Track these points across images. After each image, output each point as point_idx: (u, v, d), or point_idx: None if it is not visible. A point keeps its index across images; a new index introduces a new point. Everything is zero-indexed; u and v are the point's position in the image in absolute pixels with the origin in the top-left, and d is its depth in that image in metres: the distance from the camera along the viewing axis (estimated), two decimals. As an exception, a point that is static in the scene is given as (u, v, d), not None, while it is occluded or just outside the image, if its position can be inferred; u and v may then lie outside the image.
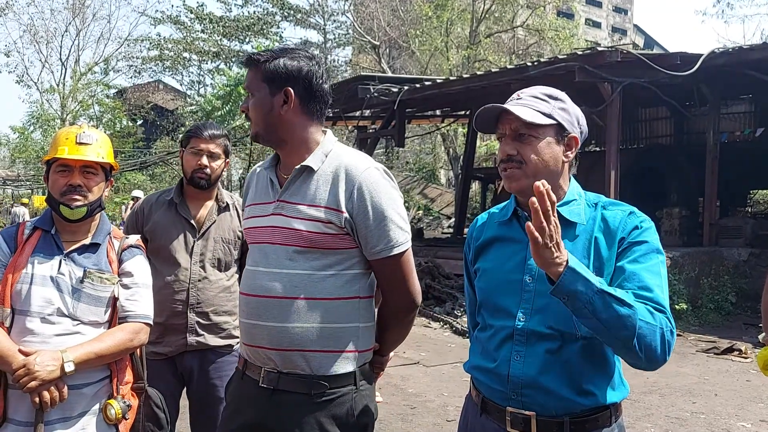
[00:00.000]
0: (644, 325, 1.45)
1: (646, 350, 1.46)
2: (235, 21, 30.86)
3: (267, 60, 1.83)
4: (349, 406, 1.80)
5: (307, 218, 1.78)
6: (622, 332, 1.44)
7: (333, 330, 1.79)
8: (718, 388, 5.67)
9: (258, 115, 1.85)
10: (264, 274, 1.82)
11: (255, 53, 1.88)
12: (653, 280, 1.55)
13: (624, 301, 1.44)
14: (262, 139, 1.88)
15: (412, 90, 10.98)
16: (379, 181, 1.80)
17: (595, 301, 1.42)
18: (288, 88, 1.82)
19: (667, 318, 1.51)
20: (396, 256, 1.81)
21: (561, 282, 1.41)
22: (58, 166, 2.09)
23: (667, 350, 1.49)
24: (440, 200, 25.13)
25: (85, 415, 2.02)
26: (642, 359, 1.48)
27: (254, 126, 1.87)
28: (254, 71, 1.85)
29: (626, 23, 56.82)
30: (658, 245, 1.62)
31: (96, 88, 33.98)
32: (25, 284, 2.01)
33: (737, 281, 9.30)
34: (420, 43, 25.03)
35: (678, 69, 8.45)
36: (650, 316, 1.47)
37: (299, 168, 1.83)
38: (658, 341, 1.47)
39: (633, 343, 1.45)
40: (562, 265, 1.41)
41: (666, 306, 1.53)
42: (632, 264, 1.57)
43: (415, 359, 6.58)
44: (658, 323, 1.48)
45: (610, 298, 1.43)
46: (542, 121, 1.62)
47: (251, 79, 1.86)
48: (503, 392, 1.65)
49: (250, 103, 1.86)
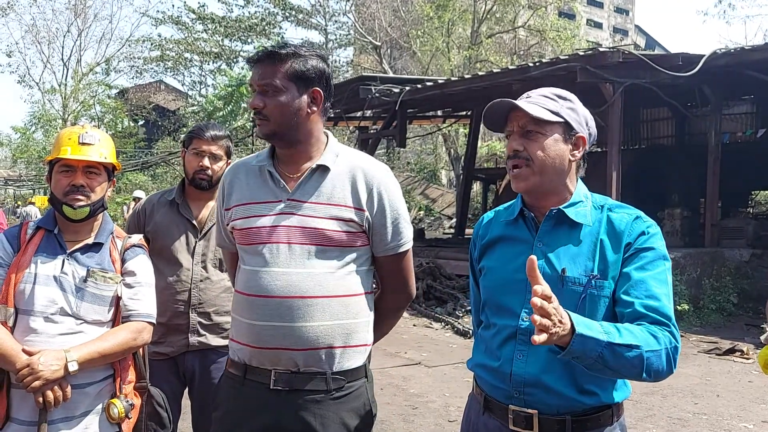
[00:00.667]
0: (651, 356, 1.48)
1: (654, 374, 1.50)
2: (236, 21, 30.86)
3: (293, 57, 1.79)
4: (365, 398, 1.86)
5: (327, 217, 1.80)
6: (633, 371, 1.48)
7: (352, 325, 1.83)
8: (720, 388, 5.67)
9: (281, 113, 1.80)
10: (281, 275, 1.79)
11: (277, 47, 1.82)
12: (660, 289, 1.57)
13: (631, 345, 1.46)
14: (277, 137, 1.84)
15: (413, 90, 10.97)
16: (392, 181, 1.89)
17: (604, 355, 1.44)
18: (317, 89, 1.83)
19: (671, 332, 1.53)
20: (405, 252, 1.92)
21: (570, 348, 1.42)
22: (61, 167, 2.09)
23: (673, 364, 1.53)
24: (441, 201, 25.13)
25: (89, 414, 2.03)
26: (650, 379, 1.52)
27: (272, 124, 1.81)
28: (275, 67, 1.79)
29: (628, 24, 56.81)
30: (664, 252, 1.64)
31: (97, 89, 34.05)
32: (29, 284, 2.01)
33: (739, 282, 9.28)
34: (421, 44, 25.04)
35: (680, 69, 8.44)
36: (655, 342, 1.49)
37: (314, 167, 1.83)
38: (664, 362, 1.51)
39: (642, 375, 1.49)
40: (569, 335, 1.41)
41: (671, 315, 1.56)
42: (639, 271, 1.59)
43: (417, 360, 6.58)
44: (663, 345, 1.50)
45: (618, 348, 1.45)
46: (550, 117, 1.63)
47: (271, 75, 1.79)
48: (506, 390, 1.66)
49: (270, 100, 1.80)
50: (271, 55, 1.81)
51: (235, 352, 1.88)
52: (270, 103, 1.80)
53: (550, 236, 1.67)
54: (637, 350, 1.46)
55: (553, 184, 1.67)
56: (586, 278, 1.60)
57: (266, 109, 1.81)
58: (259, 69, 1.82)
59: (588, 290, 1.60)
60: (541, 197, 1.69)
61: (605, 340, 1.43)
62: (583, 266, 1.62)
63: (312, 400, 1.78)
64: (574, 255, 1.63)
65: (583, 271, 1.61)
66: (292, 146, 1.87)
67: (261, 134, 1.85)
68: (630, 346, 1.45)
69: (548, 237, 1.67)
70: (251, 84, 1.85)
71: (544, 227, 1.68)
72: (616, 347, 1.44)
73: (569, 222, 1.66)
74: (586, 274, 1.61)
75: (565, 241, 1.65)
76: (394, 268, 1.94)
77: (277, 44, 1.85)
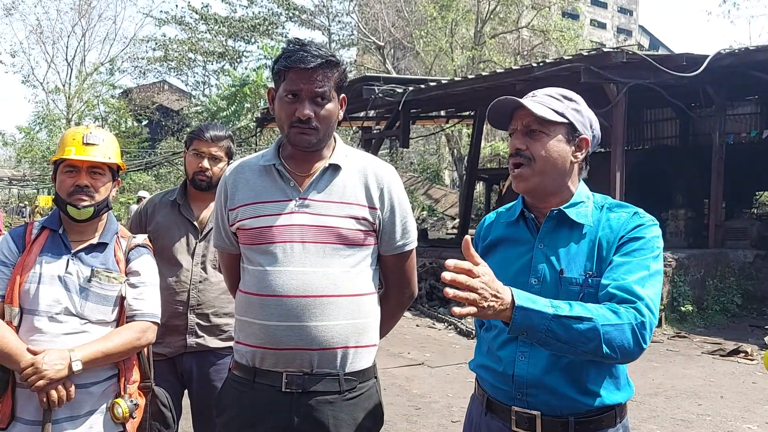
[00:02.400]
0: (610, 329, 1.45)
1: (618, 350, 1.47)
2: (240, 21, 30.92)
3: (339, 67, 1.79)
4: (376, 399, 1.87)
5: (341, 215, 1.80)
6: (588, 345, 1.45)
7: (364, 325, 1.84)
8: (724, 390, 5.65)
9: (329, 123, 1.80)
10: (297, 274, 1.77)
11: (331, 55, 1.77)
12: (637, 272, 1.54)
13: (581, 317, 1.44)
14: (318, 146, 1.82)
15: (416, 91, 10.97)
16: (400, 181, 1.92)
17: (552, 327, 1.42)
18: (344, 96, 1.86)
19: (636, 308, 1.49)
20: (411, 251, 1.95)
21: (513, 322, 1.41)
22: (66, 167, 2.10)
23: (642, 341, 1.48)
24: (444, 201, 25.11)
25: (93, 413, 2.04)
26: (616, 358, 1.48)
27: (319, 133, 1.79)
28: (330, 74, 1.77)
29: (631, 24, 56.71)
30: (654, 241, 1.61)
31: (101, 89, 34.15)
32: (34, 283, 2.02)
33: (743, 283, 9.27)
34: (425, 44, 25.02)
35: (684, 70, 8.42)
36: (614, 317, 1.47)
37: (326, 166, 1.84)
38: (630, 337, 1.47)
39: (602, 349, 1.45)
40: (509, 308, 1.40)
41: (640, 294, 1.50)
42: (622, 257, 1.58)
43: (420, 360, 6.58)
44: (625, 320, 1.47)
45: (567, 320, 1.43)
46: (554, 117, 1.63)
47: (326, 83, 1.75)
48: (508, 392, 1.65)
49: (319, 109, 1.77)
50: (328, 63, 1.76)
51: (243, 355, 1.85)
52: (320, 111, 1.78)
53: (550, 237, 1.67)
54: (589, 322, 1.43)
55: (554, 185, 1.67)
56: (583, 277, 1.60)
57: (316, 118, 1.77)
58: (310, 75, 1.74)
59: (585, 289, 1.59)
60: (542, 198, 1.69)
61: (551, 312, 1.42)
62: (582, 266, 1.61)
63: (325, 401, 1.77)
64: (573, 255, 1.63)
65: (582, 271, 1.61)
66: (316, 150, 1.85)
67: (305, 143, 1.79)
68: (580, 317, 1.43)
69: (549, 238, 1.67)
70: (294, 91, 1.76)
71: (544, 228, 1.68)
72: (564, 319, 1.42)
73: (570, 222, 1.66)
74: (584, 273, 1.60)
75: (566, 242, 1.65)
76: (400, 267, 1.95)
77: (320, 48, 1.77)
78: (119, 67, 34.82)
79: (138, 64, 34.21)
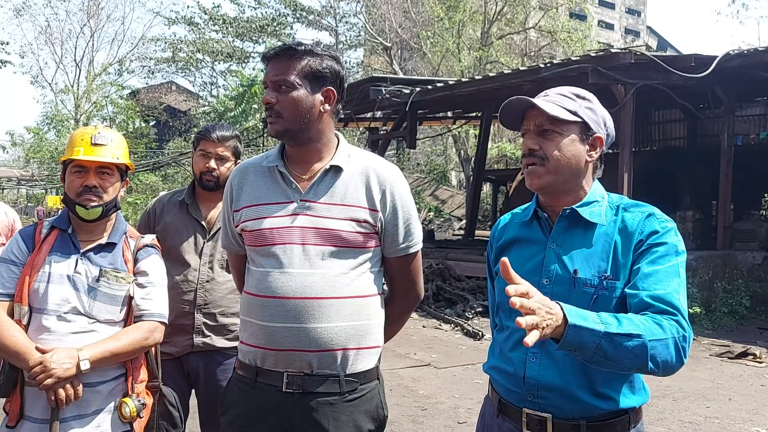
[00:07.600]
0: (656, 344, 1.43)
1: (662, 365, 1.45)
2: (248, 22, 31.00)
3: (308, 55, 1.79)
4: (378, 400, 1.86)
5: (342, 217, 1.79)
6: (637, 361, 1.43)
7: (365, 327, 1.83)
8: (732, 392, 5.62)
9: (294, 110, 1.79)
10: (296, 276, 1.78)
11: (294, 44, 1.81)
12: (668, 280, 1.53)
13: (631, 334, 1.41)
14: (290, 135, 1.82)
15: (423, 91, 10.97)
16: (403, 182, 1.89)
17: (603, 345, 1.40)
18: (331, 89, 1.83)
19: (678, 321, 1.48)
20: (415, 253, 1.93)
21: (565, 339, 1.38)
22: (74, 167, 2.11)
23: (683, 355, 1.47)
24: (451, 202, 25.09)
25: (101, 412, 2.04)
26: (659, 372, 1.47)
27: (285, 122, 1.80)
28: (291, 63, 1.78)
29: (639, 25, 56.48)
30: (677, 246, 1.60)
31: (110, 89, 34.32)
32: (43, 283, 2.03)
33: (751, 285, 9.20)
34: (432, 45, 25.01)
35: (692, 71, 8.38)
36: (660, 331, 1.45)
37: (327, 168, 1.83)
38: (673, 352, 1.45)
39: (648, 366, 1.44)
40: (562, 326, 1.38)
41: (679, 306, 1.51)
42: (649, 265, 1.55)
43: (426, 361, 6.57)
44: (669, 333, 1.45)
45: (617, 337, 1.40)
46: (567, 117, 1.61)
47: (286, 71, 1.77)
48: (519, 394, 1.64)
49: (283, 96, 1.78)
50: (287, 50, 1.79)
51: (246, 355, 1.87)
52: (283, 99, 1.79)
53: (563, 237, 1.65)
54: (638, 339, 1.41)
55: (568, 184, 1.65)
56: (597, 279, 1.58)
57: (278, 105, 1.79)
58: (273, 65, 1.80)
59: (600, 291, 1.57)
60: (556, 197, 1.67)
61: (602, 330, 1.39)
62: (596, 267, 1.59)
63: (325, 402, 1.77)
64: (587, 256, 1.61)
65: (596, 272, 1.59)
66: (303, 145, 1.85)
67: (272, 132, 1.83)
68: (630, 335, 1.41)
69: (562, 238, 1.65)
70: (265, 81, 1.83)
71: (557, 228, 1.66)
72: (614, 337, 1.40)
73: (584, 222, 1.64)
74: (599, 275, 1.58)
75: (579, 242, 1.63)
76: (404, 269, 1.94)
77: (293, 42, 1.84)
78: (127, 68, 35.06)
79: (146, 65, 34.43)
